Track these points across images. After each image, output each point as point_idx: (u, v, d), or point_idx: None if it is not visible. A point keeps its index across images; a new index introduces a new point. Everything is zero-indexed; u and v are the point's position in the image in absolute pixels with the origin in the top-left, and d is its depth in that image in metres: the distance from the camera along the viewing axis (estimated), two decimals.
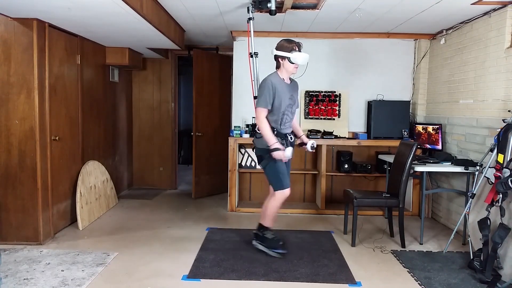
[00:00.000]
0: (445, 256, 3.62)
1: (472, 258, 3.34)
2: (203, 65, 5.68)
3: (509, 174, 2.99)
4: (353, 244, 3.85)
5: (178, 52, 6.23)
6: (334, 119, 5.23)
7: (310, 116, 5.24)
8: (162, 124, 6.36)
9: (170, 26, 4.39)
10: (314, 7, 3.95)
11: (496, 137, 3.28)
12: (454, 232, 3.77)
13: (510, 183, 2.94)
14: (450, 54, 4.56)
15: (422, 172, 4.02)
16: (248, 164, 5.25)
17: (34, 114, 3.62)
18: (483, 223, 3.17)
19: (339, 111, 5.22)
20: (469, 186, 3.97)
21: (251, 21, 3.91)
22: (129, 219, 4.64)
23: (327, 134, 5.01)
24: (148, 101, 6.33)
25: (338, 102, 5.22)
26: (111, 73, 5.37)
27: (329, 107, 5.22)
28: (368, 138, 5.05)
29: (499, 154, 3.18)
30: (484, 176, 3.42)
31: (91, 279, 3.01)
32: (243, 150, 5.23)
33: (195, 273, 3.17)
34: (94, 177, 4.67)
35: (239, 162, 5.20)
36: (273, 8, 3.66)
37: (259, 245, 3.62)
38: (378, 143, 5.03)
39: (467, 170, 3.84)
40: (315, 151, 5.28)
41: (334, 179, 5.38)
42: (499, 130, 3.26)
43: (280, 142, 3.48)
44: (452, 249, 3.79)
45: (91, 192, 4.55)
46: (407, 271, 3.29)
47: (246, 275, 3.14)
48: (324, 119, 5.24)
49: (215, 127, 5.91)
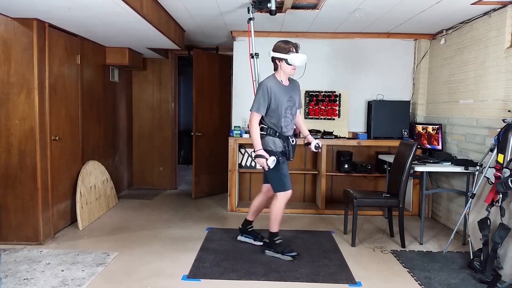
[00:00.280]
0: (445, 256, 3.62)
1: (472, 258, 3.34)
2: (203, 65, 5.68)
3: (509, 174, 2.99)
4: (353, 244, 3.85)
5: (178, 52, 6.23)
6: (334, 119, 5.23)
7: (310, 116, 5.24)
8: (162, 124, 6.36)
9: (170, 26, 4.39)
10: (314, 7, 3.95)
11: (496, 137, 3.28)
12: (454, 232, 3.77)
13: (510, 183, 2.94)
14: (450, 54, 4.56)
15: (422, 172, 4.02)
16: (248, 164, 5.25)
17: (34, 114, 3.62)
18: (483, 223, 3.17)
19: (339, 111, 5.22)
20: (469, 186, 3.97)
21: (251, 21, 3.91)
22: (129, 219, 4.64)
23: (327, 134, 5.01)
24: (148, 101, 6.33)
25: (338, 102, 5.22)
26: (111, 73, 5.37)
27: (329, 107, 5.22)
28: (368, 138, 5.05)
29: (499, 154, 3.18)
30: (484, 176, 3.42)
31: (91, 279, 3.01)
32: (243, 150, 5.23)
33: (195, 273, 3.17)
34: (94, 177, 4.67)
35: (239, 162, 5.20)
36: (273, 8, 3.65)
37: (271, 252, 3.56)
38: (378, 143, 5.03)
39: (467, 170, 3.84)
40: (315, 151, 5.30)
41: (334, 179, 5.38)
42: (499, 130, 3.26)
43: (282, 145, 3.49)
44: (452, 249, 3.79)
45: (91, 192, 4.55)
46: (407, 271, 3.29)
47: (246, 275, 3.14)
48: (324, 119, 5.24)
49: (215, 127, 5.91)
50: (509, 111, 3.43)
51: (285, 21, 4.50)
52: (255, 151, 3.42)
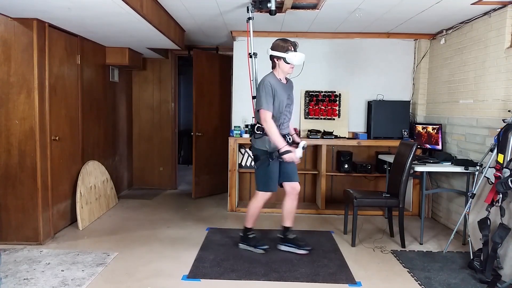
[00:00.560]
0: (445, 256, 3.62)
1: (472, 258, 3.34)
2: (203, 65, 5.68)
3: (509, 174, 2.99)
4: (353, 244, 3.85)
5: (178, 52, 6.23)
6: (334, 119, 5.23)
7: (310, 116, 5.24)
8: (162, 124, 6.36)
9: (170, 26, 4.39)
10: (314, 7, 3.95)
11: (496, 137, 3.28)
12: (454, 232, 3.77)
13: (510, 183, 2.94)
14: (450, 54, 4.56)
15: (422, 172, 4.02)
16: (248, 164, 5.24)
17: (34, 114, 3.62)
18: (483, 223, 3.17)
19: (339, 111, 5.22)
20: (469, 186, 3.97)
21: (250, 20, 3.91)
22: (129, 219, 4.64)
23: (327, 134, 5.01)
24: (148, 101, 6.33)
25: (338, 102, 5.22)
26: (111, 73, 5.37)
27: (329, 107, 5.22)
28: (368, 138, 5.04)
29: (499, 154, 3.18)
30: (484, 176, 3.42)
31: (91, 279, 3.01)
32: (243, 150, 5.23)
33: (195, 273, 3.17)
34: (94, 177, 4.67)
35: (239, 162, 5.20)
36: (273, 8, 3.65)
37: (244, 245, 3.68)
38: (378, 143, 5.03)
39: (467, 170, 3.84)
40: (315, 151, 5.30)
41: (334, 179, 5.38)
42: (499, 130, 3.25)
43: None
44: (452, 249, 3.79)
45: (91, 192, 4.55)
46: (407, 271, 3.29)
47: (246, 275, 3.14)
48: (324, 119, 5.24)
49: (215, 127, 5.90)
50: (509, 111, 3.43)
51: (285, 21, 4.50)
52: (279, 150, 3.34)
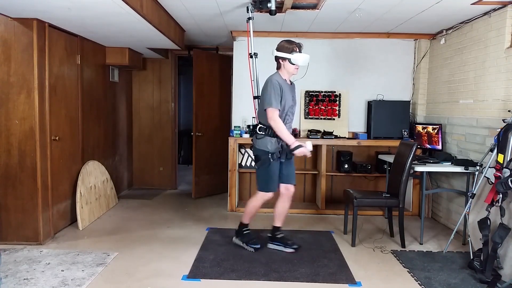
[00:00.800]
0: (445, 256, 3.62)
1: (472, 258, 3.34)
2: (203, 65, 5.68)
3: (509, 174, 2.99)
4: (353, 244, 3.85)
5: (178, 52, 6.23)
6: (334, 119, 5.23)
7: (310, 116, 5.24)
8: (162, 124, 6.36)
9: (170, 26, 4.39)
10: (314, 7, 3.95)
11: (496, 137, 3.28)
12: (454, 232, 3.77)
13: (510, 183, 2.94)
14: (450, 54, 4.56)
15: (422, 172, 4.02)
16: (248, 164, 5.24)
17: (34, 114, 3.62)
18: (483, 223, 3.17)
19: (339, 111, 5.22)
20: (469, 186, 3.97)
21: (250, 20, 3.91)
22: (129, 219, 4.63)
23: (327, 134, 5.01)
24: (148, 101, 6.33)
25: (338, 102, 5.22)
26: (111, 73, 5.37)
27: (329, 107, 5.22)
28: (368, 138, 5.04)
29: (499, 154, 3.18)
30: (484, 176, 3.42)
31: (91, 279, 3.01)
32: (243, 150, 5.23)
33: (195, 273, 3.17)
34: (94, 177, 4.66)
35: (239, 162, 5.20)
36: (273, 8, 3.66)
37: (237, 240, 3.74)
38: (378, 143, 5.03)
39: (467, 170, 3.84)
40: (315, 151, 5.30)
41: (334, 179, 5.38)
42: (499, 130, 3.25)
43: (278, 145, 3.49)
44: (452, 249, 3.79)
45: (91, 192, 4.55)
46: (407, 271, 3.29)
47: (246, 275, 3.14)
48: (324, 119, 5.24)
49: (215, 127, 5.90)
50: (509, 111, 3.43)
51: (285, 21, 4.50)
52: (290, 146, 3.38)
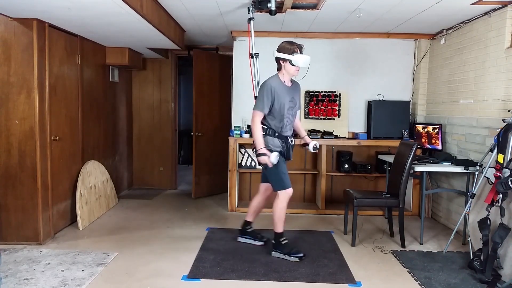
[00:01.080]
0: (445, 256, 3.62)
1: (472, 258, 3.34)
2: (203, 65, 5.68)
3: (509, 174, 2.99)
4: (353, 244, 3.85)
5: (178, 52, 6.23)
6: (334, 119, 5.23)
7: (310, 116, 5.24)
8: (162, 124, 6.36)
9: (170, 26, 4.39)
10: (314, 7, 3.95)
11: (496, 137, 3.28)
12: (454, 232, 3.77)
13: (510, 183, 2.94)
14: (450, 54, 4.56)
15: (422, 172, 4.02)
16: (248, 164, 5.25)
17: (34, 114, 3.62)
18: (483, 223, 3.17)
19: (339, 111, 5.22)
20: (469, 186, 3.97)
21: (251, 21, 3.91)
22: (129, 219, 4.63)
23: (327, 134, 5.01)
24: (148, 101, 6.33)
25: (338, 102, 5.22)
26: (111, 73, 5.37)
27: (329, 107, 5.22)
28: (368, 138, 5.04)
29: (499, 154, 3.18)
30: (484, 176, 3.42)
31: (91, 279, 3.01)
32: (243, 150, 5.23)
33: (195, 273, 3.17)
34: (94, 177, 4.66)
35: (239, 162, 5.20)
36: (273, 8, 3.66)
37: (278, 253, 3.51)
38: (378, 143, 5.03)
39: (467, 170, 3.84)
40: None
41: (334, 179, 5.38)
42: (499, 130, 3.26)
43: (281, 144, 3.50)
44: (452, 249, 3.79)
45: (91, 192, 4.55)
46: (407, 271, 3.29)
47: (246, 275, 3.14)
48: (324, 119, 5.24)
49: (215, 127, 5.90)
50: (509, 111, 3.43)
51: (285, 21, 4.50)
52: (256, 150, 3.42)
